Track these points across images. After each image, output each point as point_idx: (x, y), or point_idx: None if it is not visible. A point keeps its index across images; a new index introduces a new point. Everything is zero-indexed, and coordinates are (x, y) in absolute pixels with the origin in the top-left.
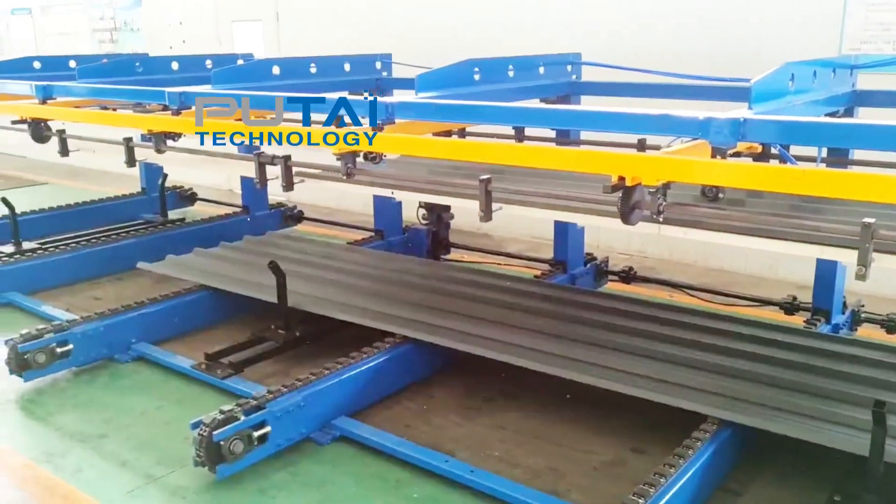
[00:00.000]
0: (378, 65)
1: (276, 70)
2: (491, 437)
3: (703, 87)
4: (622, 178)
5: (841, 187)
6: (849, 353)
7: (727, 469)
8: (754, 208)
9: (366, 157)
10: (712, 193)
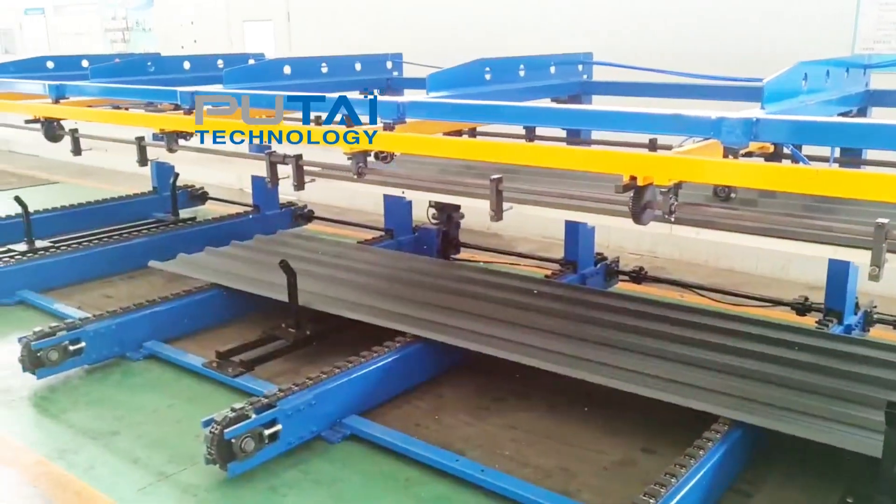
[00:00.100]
0: (389, 64)
1: (287, 70)
2: (501, 437)
3: (715, 86)
4: (634, 178)
5: (854, 187)
6: (861, 353)
7: (738, 470)
8: (767, 208)
9: (377, 157)
10: (724, 193)
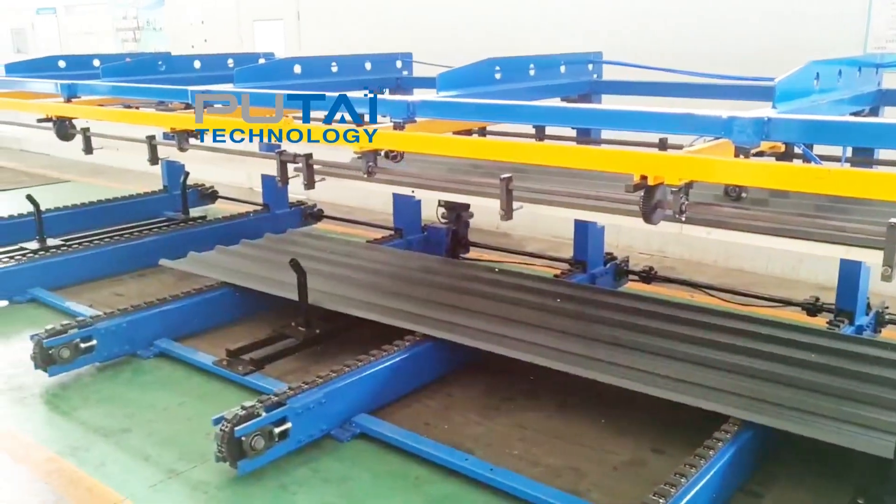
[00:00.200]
0: (399, 64)
1: (297, 69)
2: (510, 436)
3: (726, 86)
4: (644, 178)
5: (866, 187)
6: (872, 354)
7: (748, 470)
8: (778, 208)
9: (387, 156)
10: (735, 193)
